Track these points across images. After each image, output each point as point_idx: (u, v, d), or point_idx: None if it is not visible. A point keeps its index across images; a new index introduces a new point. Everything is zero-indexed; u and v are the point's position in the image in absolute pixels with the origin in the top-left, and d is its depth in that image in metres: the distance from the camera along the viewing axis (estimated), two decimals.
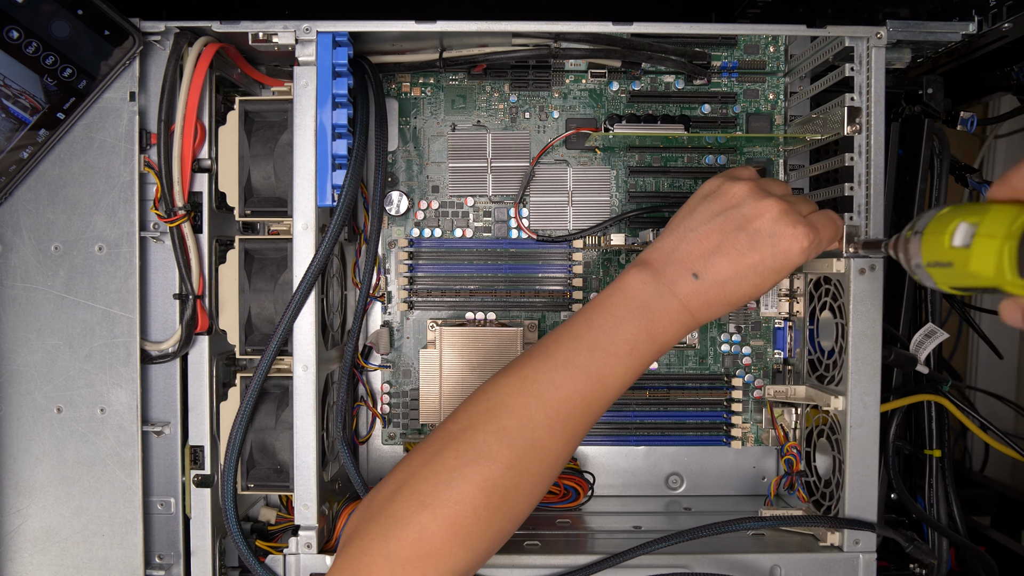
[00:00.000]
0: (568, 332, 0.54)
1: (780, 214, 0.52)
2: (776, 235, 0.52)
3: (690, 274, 0.53)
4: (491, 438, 0.51)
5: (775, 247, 0.52)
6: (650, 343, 0.54)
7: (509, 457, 0.50)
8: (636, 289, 0.54)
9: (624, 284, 0.55)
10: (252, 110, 0.61)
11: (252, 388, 0.58)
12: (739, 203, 0.53)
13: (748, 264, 0.52)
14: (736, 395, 0.74)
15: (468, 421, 0.52)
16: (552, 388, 0.52)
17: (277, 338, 0.58)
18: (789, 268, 0.53)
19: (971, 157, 1.05)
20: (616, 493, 0.77)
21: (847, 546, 0.62)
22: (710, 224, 0.53)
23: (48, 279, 0.58)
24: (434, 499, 0.49)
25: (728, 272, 0.53)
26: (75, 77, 0.56)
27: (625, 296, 0.54)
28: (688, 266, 0.53)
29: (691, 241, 0.54)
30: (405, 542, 0.48)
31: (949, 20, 0.62)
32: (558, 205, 0.74)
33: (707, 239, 0.53)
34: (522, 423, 0.51)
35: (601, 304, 0.55)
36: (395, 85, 0.74)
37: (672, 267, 0.54)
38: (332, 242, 0.59)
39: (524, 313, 0.75)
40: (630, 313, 0.53)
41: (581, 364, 0.53)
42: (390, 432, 0.75)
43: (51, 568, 0.58)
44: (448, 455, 0.51)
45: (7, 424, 0.58)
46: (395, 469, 0.54)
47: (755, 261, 0.52)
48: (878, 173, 0.61)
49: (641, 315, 0.53)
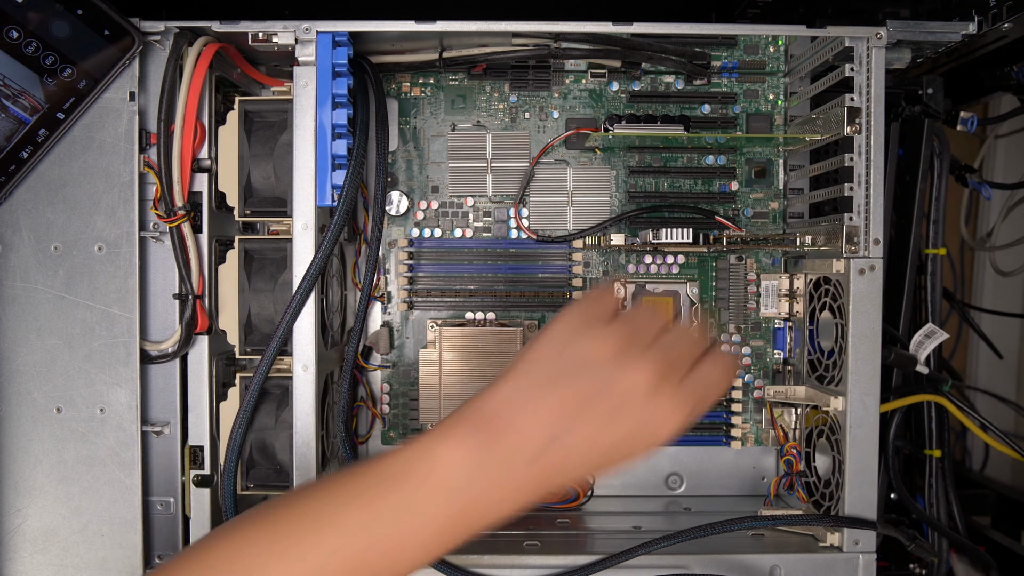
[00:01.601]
0: (325, 516, 0.41)
1: (655, 384, 0.42)
2: (646, 409, 0.42)
3: (538, 442, 0.41)
4: None
5: (639, 423, 0.42)
6: (456, 536, 0.42)
7: None
8: (455, 463, 0.41)
9: (434, 455, 0.41)
10: (252, 110, 0.61)
11: (252, 389, 0.58)
12: (602, 365, 0.42)
13: (607, 440, 0.42)
14: (736, 395, 0.74)
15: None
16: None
17: (277, 338, 0.58)
18: (659, 444, 0.43)
19: (971, 157, 1.05)
20: (616, 493, 0.77)
21: (847, 546, 0.62)
22: (569, 386, 0.42)
23: (48, 279, 0.58)
24: None
25: (582, 445, 0.42)
26: (75, 77, 0.56)
27: (432, 472, 0.41)
28: (535, 432, 0.41)
29: (542, 403, 0.42)
30: None
31: (949, 20, 0.62)
32: (558, 205, 0.74)
33: (561, 404, 0.42)
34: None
35: (384, 481, 0.41)
36: (395, 85, 0.74)
37: (512, 433, 0.42)
38: (332, 242, 0.59)
39: (524, 313, 0.75)
40: (434, 497, 0.41)
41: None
42: (390, 432, 0.75)
43: (51, 568, 0.58)
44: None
45: (7, 424, 0.58)
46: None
47: (615, 439, 0.42)
48: (878, 173, 0.61)
49: (452, 499, 0.41)
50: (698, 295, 0.74)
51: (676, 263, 0.75)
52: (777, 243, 0.71)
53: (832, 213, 0.67)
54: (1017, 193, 0.90)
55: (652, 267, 0.75)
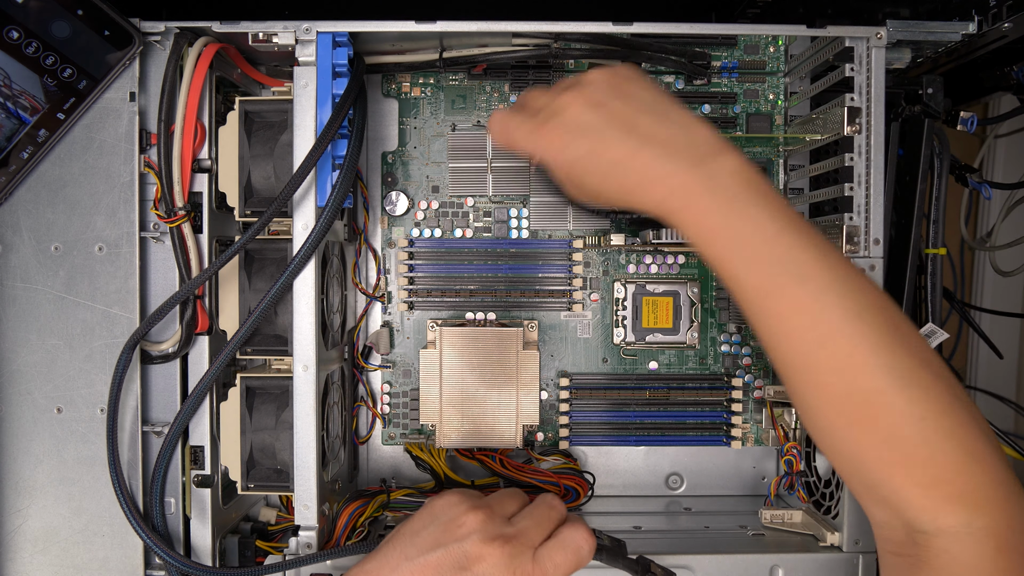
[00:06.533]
0: None
1: (506, 559, 0.47)
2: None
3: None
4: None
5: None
6: None
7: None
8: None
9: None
10: (252, 110, 0.61)
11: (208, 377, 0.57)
12: (464, 537, 0.48)
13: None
14: (736, 395, 0.74)
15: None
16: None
17: (248, 326, 0.58)
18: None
19: (971, 157, 1.05)
20: (616, 493, 0.77)
21: (847, 546, 0.62)
22: (428, 556, 0.48)
23: (48, 279, 0.58)
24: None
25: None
26: (75, 77, 0.56)
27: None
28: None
29: (403, 573, 0.48)
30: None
31: (949, 20, 0.62)
32: (558, 205, 0.74)
33: (420, 574, 0.47)
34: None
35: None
36: (395, 85, 0.74)
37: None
38: (320, 234, 0.58)
39: (524, 313, 0.75)
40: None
41: None
42: (390, 432, 0.75)
43: (51, 568, 0.58)
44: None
45: (7, 424, 0.58)
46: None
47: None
48: (878, 173, 0.61)
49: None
50: (698, 295, 0.74)
51: (676, 263, 0.75)
52: None
53: (832, 213, 0.67)
54: (1017, 193, 0.90)
55: (652, 267, 0.75)
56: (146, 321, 0.56)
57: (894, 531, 0.47)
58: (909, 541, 0.46)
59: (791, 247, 0.47)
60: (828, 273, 0.46)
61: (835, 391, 0.46)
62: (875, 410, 0.45)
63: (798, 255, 0.47)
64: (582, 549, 0.50)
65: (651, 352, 0.75)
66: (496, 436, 0.70)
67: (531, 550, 0.48)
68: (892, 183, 0.71)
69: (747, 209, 0.47)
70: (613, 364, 0.75)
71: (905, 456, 0.45)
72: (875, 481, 0.47)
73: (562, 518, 0.52)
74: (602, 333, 0.75)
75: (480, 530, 0.48)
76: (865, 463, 0.47)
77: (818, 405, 0.48)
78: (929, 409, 0.44)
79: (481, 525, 0.48)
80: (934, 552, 0.45)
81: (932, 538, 0.45)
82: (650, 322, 0.74)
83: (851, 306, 0.46)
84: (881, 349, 0.45)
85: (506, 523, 0.50)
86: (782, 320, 0.47)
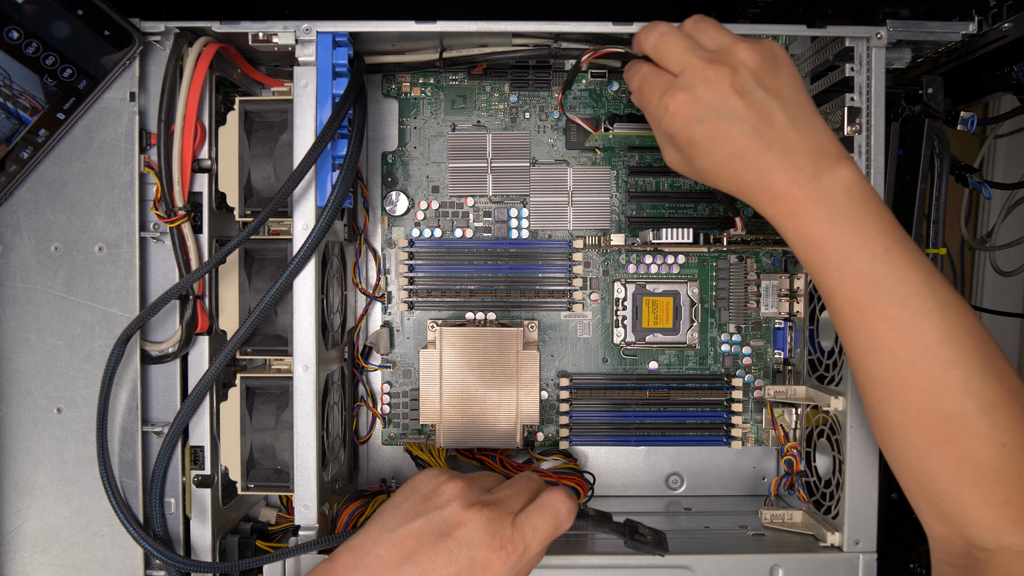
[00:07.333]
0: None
1: (485, 523, 0.47)
2: (475, 546, 0.46)
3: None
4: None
5: (473, 560, 0.46)
6: None
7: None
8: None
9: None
10: (252, 110, 0.61)
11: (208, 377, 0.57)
12: (444, 505, 0.48)
13: (441, 573, 0.46)
14: (736, 395, 0.74)
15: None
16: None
17: (248, 324, 0.57)
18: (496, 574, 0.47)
19: (971, 157, 1.05)
20: (616, 493, 0.77)
21: (847, 546, 0.62)
22: (409, 526, 0.48)
23: (48, 279, 0.58)
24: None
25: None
26: (75, 77, 0.56)
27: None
28: (376, 571, 0.47)
29: (385, 544, 0.48)
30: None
31: (949, 20, 0.62)
32: (558, 205, 0.74)
33: (402, 544, 0.47)
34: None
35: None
36: (395, 85, 0.74)
37: (362, 569, 0.47)
38: (320, 234, 0.58)
39: (524, 313, 0.75)
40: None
41: None
42: (390, 432, 0.75)
43: (51, 568, 0.58)
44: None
45: (7, 424, 0.58)
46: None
47: (449, 574, 0.46)
48: (878, 173, 0.61)
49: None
50: (698, 295, 0.74)
51: (676, 263, 0.75)
52: (777, 243, 0.70)
53: None
54: (1017, 193, 0.90)
55: (652, 267, 0.75)
56: (140, 316, 0.56)
57: (951, 544, 0.50)
58: (966, 554, 0.49)
59: (897, 267, 0.48)
60: (929, 297, 0.48)
61: (919, 409, 0.48)
62: (957, 431, 0.47)
63: (903, 275, 0.48)
64: (560, 512, 0.50)
65: (651, 352, 0.75)
66: (496, 436, 0.70)
67: (511, 515, 0.48)
68: (892, 183, 0.70)
69: (855, 225, 0.49)
70: (613, 364, 0.75)
71: (980, 477, 0.47)
72: (943, 497, 0.49)
73: (540, 489, 0.52)
74: (602, 333, 0.75)
75: (460, 497, 0.49)
76: (937, 480, 0.49)
77: (899, 420, 0.50)
78: (1011, 437, 0.47)
79: (460, 493, 0.49)
80: (992, 566, 0.48)
81: (993, 555, 0.48)
82: (650, 322, 0.74)
83: (948, 330, 0.48)
84: (972, 375, 0.47)
85: (485, 492, 0.50)
86: (875, 335, 0.49)
